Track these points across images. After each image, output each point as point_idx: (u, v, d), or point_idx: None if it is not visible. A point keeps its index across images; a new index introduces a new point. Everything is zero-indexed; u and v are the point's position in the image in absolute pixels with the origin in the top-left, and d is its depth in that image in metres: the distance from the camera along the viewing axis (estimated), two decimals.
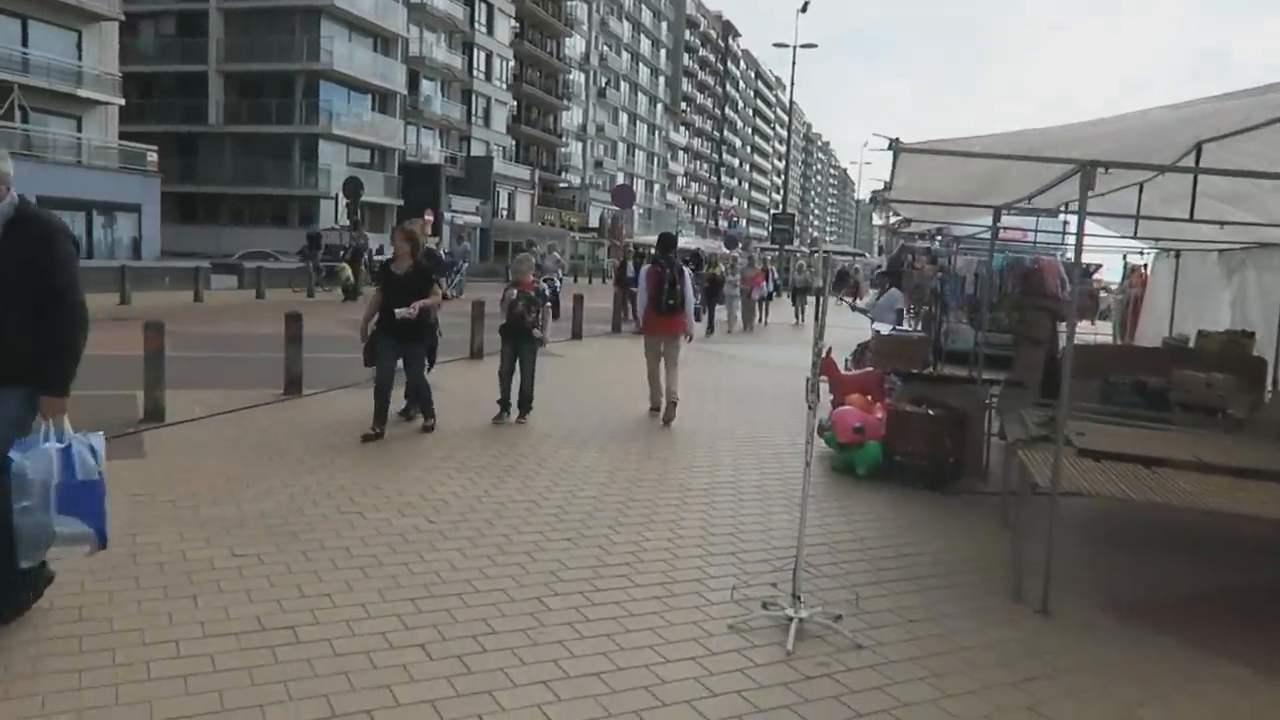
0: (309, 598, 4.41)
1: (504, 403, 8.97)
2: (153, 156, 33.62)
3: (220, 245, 39.30)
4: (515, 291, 8.87)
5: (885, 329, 12.80)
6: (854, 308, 22.65)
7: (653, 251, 10.23)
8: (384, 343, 7.87)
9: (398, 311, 7.62)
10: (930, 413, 7.56)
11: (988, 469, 8.00)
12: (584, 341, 17.02)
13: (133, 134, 37.71)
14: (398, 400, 8.54)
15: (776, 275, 25.67)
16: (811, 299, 26.19)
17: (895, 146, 4.71)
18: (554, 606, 4.47)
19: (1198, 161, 5.80)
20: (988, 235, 14.30)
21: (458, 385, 11.02)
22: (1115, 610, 4.91)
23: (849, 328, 23.37)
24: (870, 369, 8.81)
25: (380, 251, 26.81)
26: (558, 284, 22.06)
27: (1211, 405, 8.40)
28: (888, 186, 6.20)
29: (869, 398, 8.55)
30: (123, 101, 33.05)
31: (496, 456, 7.55)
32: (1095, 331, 17.12)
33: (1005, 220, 13.23)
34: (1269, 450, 6.57)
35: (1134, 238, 11.29)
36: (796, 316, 23.95)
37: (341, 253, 26.07)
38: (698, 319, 19.25)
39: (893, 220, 12.65)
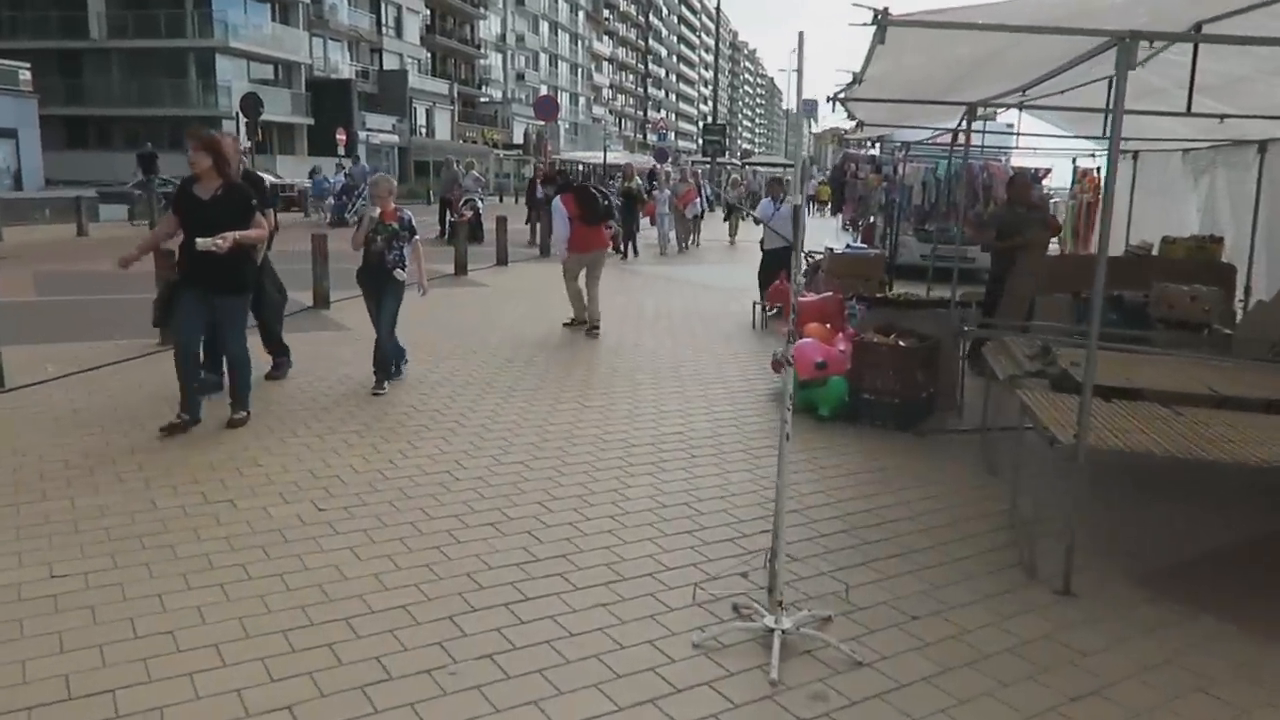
0: (144, 639, 3.35)
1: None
2: (25, 75, 30.62)
3: (115, 172, 36.26)
4: (376, 220, 6.88)
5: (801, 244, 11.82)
6: (756, 220, 21.36)
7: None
8: (187, 297, 5.73)
9: (199, 241, 5.47)
10: (901, 344, 6.68)
11: (962, 402, 7.20)
12: (509, 268, 15.80)
13: (3, 51, 34.35)
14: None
15: (709, 191, 24.22)
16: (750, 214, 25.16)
17: (882, 19, 3.65)
18: (470, 630, 3.49)
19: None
20: (937, 140, 13.45)
21: (363, 326, 9.80)
22: (1148, 584, 4.13)
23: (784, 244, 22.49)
24: (829, 294, 7.89)
25: (347, 175, 24.93)
26: (480, 204, 20.68)
27: (1195, 320, 7.71)
28: (857, 79, 5.15)
29: (829, 326, 7.66)
30: None
31: (406, 415, 6.48)
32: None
33: (952, 123, 12.28)
34: (1276, 373, 5.87)
35: (1102, 137, 10.43)
36: (730, 234, 22.56)
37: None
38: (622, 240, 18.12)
39: (849, 125, 11.62)
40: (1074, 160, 16.01)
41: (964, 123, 7.49)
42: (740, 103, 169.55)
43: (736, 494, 5.10)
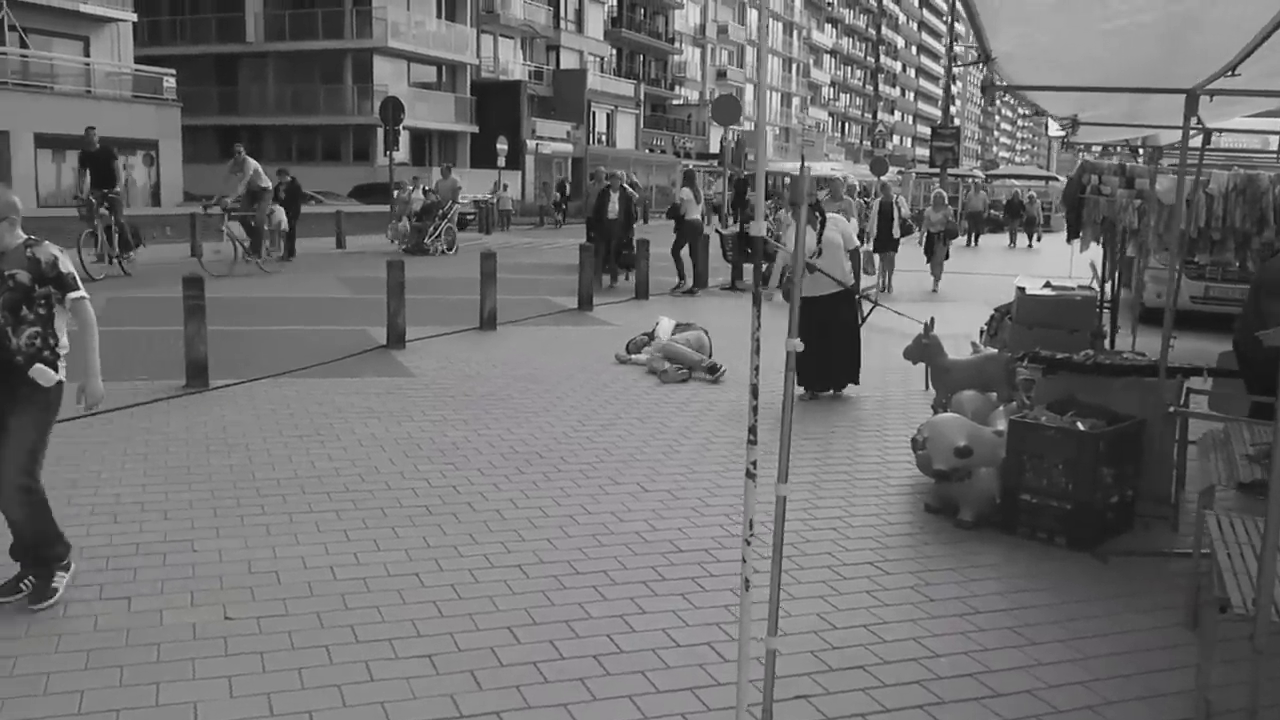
0: None
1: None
2: (170, 82, 33.51)
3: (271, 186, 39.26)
4: None
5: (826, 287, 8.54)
6: (749, 243, 17.30)
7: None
8: None
9: None
10: (1080, 426, 5.66)
11: (1178, 510, 6.05)
12: (649, 302, 15.38)
13: (162, 57, 37.97)
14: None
15: (905, 212, 20.56)
16: (962, 241, 22.43)
17: None
18: None
19: None
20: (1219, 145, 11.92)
21: (431, 371, 9.63)
22: None
23: (992, 274, 20.39)
24: (991, 352, 6.92)
25: (430, 192, 24.65)
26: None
27: None
28: (984, 55, 4.33)
29: (992, 396, 6.69)
30: (134, 17, 33.03)
31: (412, 491, 6.10)
32: None
33: (1230, 120, 10.72)
34: None
35: None
36: (934, 277, 18.89)
37: (278, 188, 20.90)
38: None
39: (1057, 125, 10.47)
40: None
41: (1196, 118, 6.38)
42: (998, 103, 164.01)
43: (790, 633, 4.33)
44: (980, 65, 4.92)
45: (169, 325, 10.45)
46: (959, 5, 3.41)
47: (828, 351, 8.51)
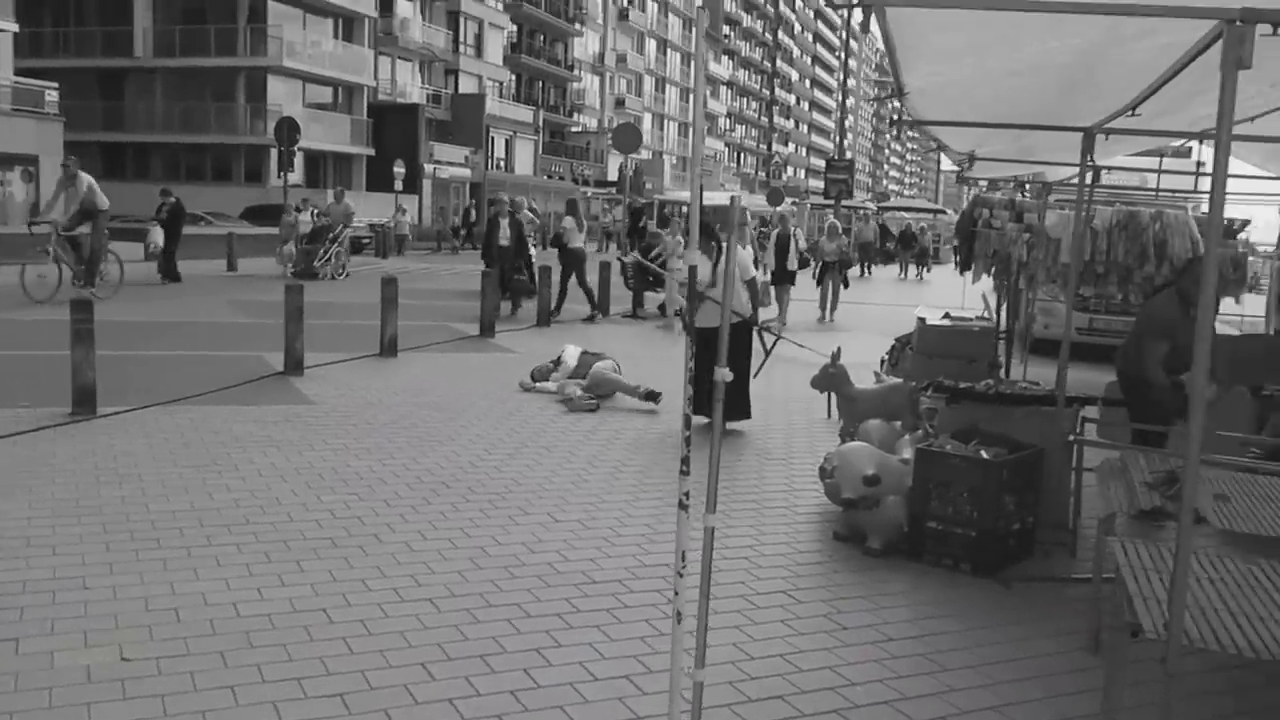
0: None
1: None
2: (52, 96, 32.35)
3: (151, 205, 38.08)
4: None
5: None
6: (647, 271, 17.40)
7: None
8: None
9: None
10: (983, 454, 5.80)
11: (1076, 536, 6.24)
12: (551, 329, 15.33)
13: (44, 70, 36.61)
14: None
15: (802, 244, 19.91)
16: (855, 271, 22.65)
17: None
18: None
19: None
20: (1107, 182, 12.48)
21: (334, 398, 9.40)
22: None
23: (885, 304, 20.97)
24: (895, 381, 7.06)
25: (320, 215, 24.03)
26: (532, 249, 20.39)
27: None
28: (896, 90, 4.43)
29: (897, 425, 6.82)
30: (16, 28, 31.84)
31: (316, 523, 5.92)
32: (1241, 314, 15.12)
33: (1114, 158, 11.19)
34: None
35: None
36: (823, 307, 18.99)
37: (160, 209, 20.53)
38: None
39: (955, 159, 10.81)
40: None
41: (1090, 156, 6.63)
42: (888, 135, 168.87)
43: (708, 664, 4.31)
44: (879, 100, 5.05)
45: (49, 349, 10.02)
46: (881, 41, 3.48)
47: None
